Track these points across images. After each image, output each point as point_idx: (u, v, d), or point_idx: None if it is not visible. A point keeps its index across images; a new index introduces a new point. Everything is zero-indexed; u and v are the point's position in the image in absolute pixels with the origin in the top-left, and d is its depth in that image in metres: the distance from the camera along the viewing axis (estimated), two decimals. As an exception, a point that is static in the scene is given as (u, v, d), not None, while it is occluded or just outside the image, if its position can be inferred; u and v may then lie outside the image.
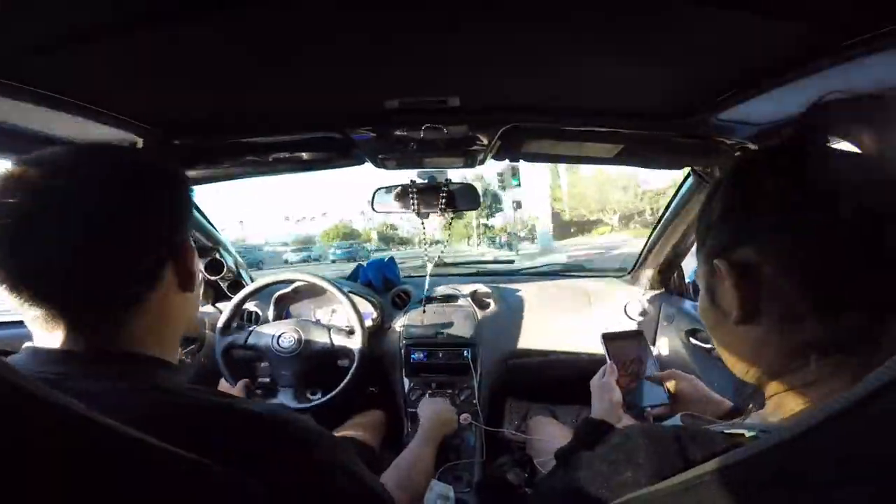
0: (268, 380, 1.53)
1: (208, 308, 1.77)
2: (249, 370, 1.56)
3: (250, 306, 1.72)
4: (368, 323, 1.64)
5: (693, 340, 1.49)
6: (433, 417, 1.23)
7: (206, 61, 0.70)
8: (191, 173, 1.17)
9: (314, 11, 0.58)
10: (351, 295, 1.53)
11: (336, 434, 1.38)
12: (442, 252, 1.66)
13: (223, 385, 1.45)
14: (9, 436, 0.29)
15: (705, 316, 0.49)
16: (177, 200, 0.56)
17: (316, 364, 1.47)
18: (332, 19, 0.61)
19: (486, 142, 1.06)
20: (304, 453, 0.51)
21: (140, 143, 0.95)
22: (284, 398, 1.45)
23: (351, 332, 1.49)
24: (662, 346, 1.67)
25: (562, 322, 1.77)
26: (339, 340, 1.47)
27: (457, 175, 1.42)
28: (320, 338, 1.47)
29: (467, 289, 1.86)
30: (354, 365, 1.43)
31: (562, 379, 1.68)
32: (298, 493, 0.49)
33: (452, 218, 1.39)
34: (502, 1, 0.57)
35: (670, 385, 0.87)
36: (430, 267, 1.66)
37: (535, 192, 23.02)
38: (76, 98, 0.76)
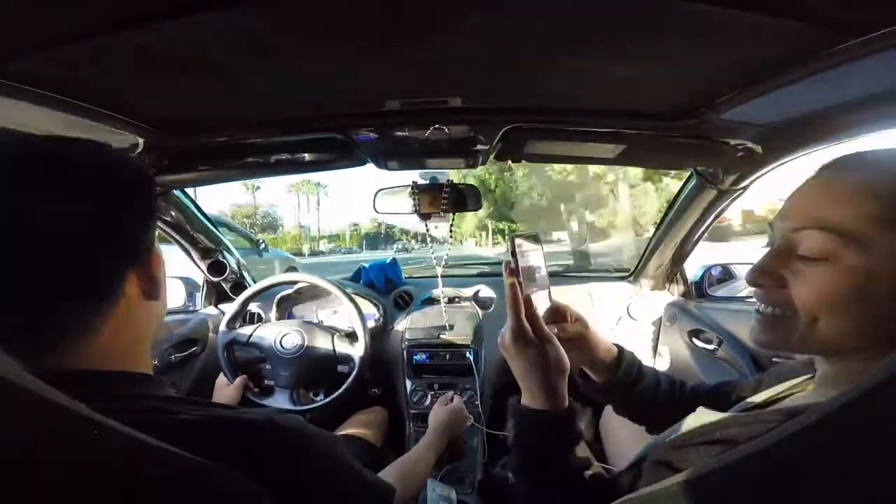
0: (269, 381, 1.53)
1: (211, 310, 1.77)
2: (249, 369, 1.56)
3: (253, 307, 1.72)
4: (371, 324, 1.64)
5: (696, 341, 1.49)
6: (440, 425, 1.21)
7: (206, 61, 0.70)
8: (192, 174, 1.17)
9: (315, 12, 0.59)
10: (353, 296, 1.53)
11: (338, 432, 1.38)
12: (448, 253, 1.65)
13: (221, 381, 1.45)
14: (14, 437, 0.29)
15: None
16: (138, 201, 0.50)
17: (316, 368, 1.48)
18: (333, 20, 0.61)
19: (487, 142, 1.06)
20: (300, 456, 0.51)
21: (141, 143, 0.95)
22: (281, 398, 1.45)
23: (353, 336, 1.49)
24: (665, 346, 1.67)
25: (564, 323, 1.76)
26: (342, 347, 1.47)
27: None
28: (323, 342, 1.47)
29: (470, 290, 1.86)
30: (354, 373, 1.44)
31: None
32: (298, 496, 0.49)
33: (453, 219, 1.38)
34: (503, 1, 0.57)
35: (570, 328, 0.76)
36: (440, 269, 1.67)
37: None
38: (75, 98, 0.76)
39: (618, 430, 1.39)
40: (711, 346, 1.41)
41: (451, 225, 1.42)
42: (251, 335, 1.47)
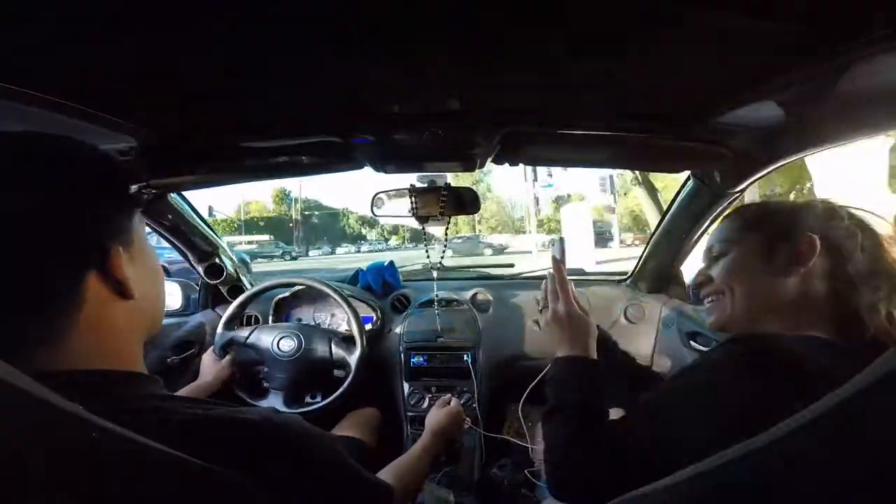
0: (265, 383, 1.53)
1: (208, 313, 1.77)
2: (246, 370, 1.56)
3: (250, 310, 1.72)
4: (368, 327, 1.64)
5: (693, 344, 1.49)
6: (437, 427, 1.18)
7: (205, 65, 0.70)
8: (189, 177, 1.17)
9: (314, 16, 0.59)
10: (351, 299, 1.53)
11: (332, 433, 1.38)
12: (442, 256, 1.66)
13: (207, 357, 1.44)
14: (11, 438, 0.29)
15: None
16: (87, 200, 0.47)
17: (313, 371, 1.47)
18: (331, 23, 0.61)
19: (485, 145, 1.06)
20: (298, 455, 0.51)
21: (138, 146, 0.95)
22: (274, 400, 1.45)
23: (351, 339, 1.49)
24: (662, 350, 1.67)
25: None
26: (339, 351, 1.47)
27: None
28: (321, 345, 1.47)
29: (467, 293, 1.87)
30: (350, 378, 1.43)
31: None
32: (297, 494, 0.49)
33: (449, 222, 1.39)
34: (501, 5, 0.57)
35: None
36: (436, 273, 1.67)
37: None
38: (72, 101, 0.76)
39: None
40: (707, 350, 1.41)
41: (447, 228, 1.42)
42: (249, 336, 1.47)
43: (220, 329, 1.48)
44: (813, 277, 0.67)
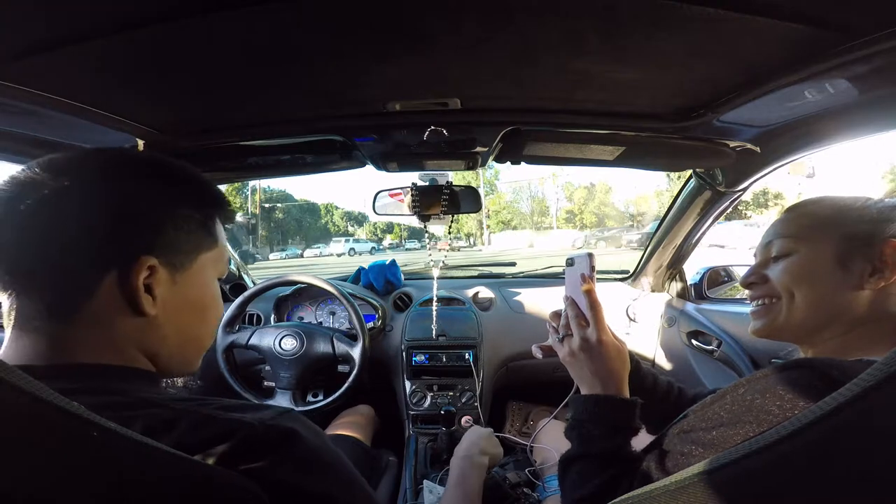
0: (269, 382, 1.53)
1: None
2: (248, 370, 1.56)
3: (252, 309, 1.72)
4: (370, 326, 1.64)
5: (694, 342, 1.49)
6: (459, 462, 1.03)
7: (208, 63, 0.70)
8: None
9: (316, 16, 0.59)
10: (353, 298, 1.53)
11: (327, 432, 1.38)
12: (446, 255, 1.66)
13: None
14: (12, 438, 0.29)
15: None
16: (134, 198, 0.48)
17: (316, 368, 1.48)
18: (333, 22, 0.61)
19: (487, 144, 1.06)
20: (299, 466, 0.47)
21: (140, 145, 0.95)
22: (282, 400, 1.45)
23: (353, 337, 1.49)
24: (664, 348, 1.67)
25: (563, 324, 1.77)
26: (341, 346, 1.47)
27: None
28: (322, 342, 1.47)
29: (469, 291, 1.87)
30: (355, 372, 1.44)
31: (563, 381, 1.67)
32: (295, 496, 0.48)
33: (453, 220, 1.39)
34: (502, 3, 0.57)
35: None
36: (436, 271, 1.67)
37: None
38: (78, 100, 0.76)
39: (556, 432, 1.40)
40: (710, 348, 1.41)
41: (450, 227, 1.42)
42: (250, 338, 1.48)
43: (219, 332, 1.48)
44: (891, 293, 0.58)
